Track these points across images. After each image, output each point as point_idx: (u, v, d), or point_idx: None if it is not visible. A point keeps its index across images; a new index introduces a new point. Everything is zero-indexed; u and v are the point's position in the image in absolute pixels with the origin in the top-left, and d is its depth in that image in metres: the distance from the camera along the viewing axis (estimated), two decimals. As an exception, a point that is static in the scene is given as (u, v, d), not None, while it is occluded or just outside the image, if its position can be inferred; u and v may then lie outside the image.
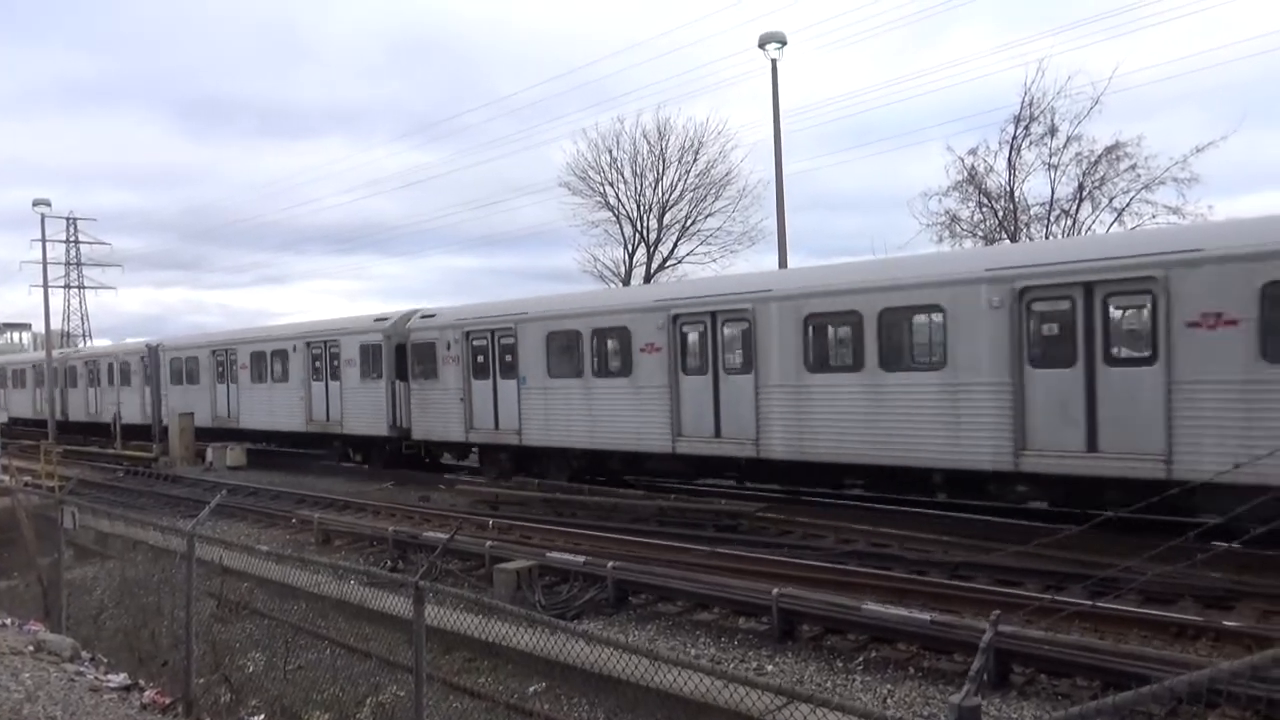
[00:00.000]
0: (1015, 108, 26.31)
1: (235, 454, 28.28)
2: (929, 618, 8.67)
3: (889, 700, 7.85)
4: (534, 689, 8.58)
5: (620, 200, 37.77)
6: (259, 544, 14.42)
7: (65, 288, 77.83)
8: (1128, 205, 25.34)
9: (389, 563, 14.13)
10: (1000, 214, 27.32)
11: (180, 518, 16.35)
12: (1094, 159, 25.61)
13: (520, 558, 12.32)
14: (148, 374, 33.66)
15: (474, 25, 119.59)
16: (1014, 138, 26.49)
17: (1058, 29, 53.35)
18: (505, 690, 8.68)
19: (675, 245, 37.77)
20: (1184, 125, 48.59)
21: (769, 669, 8.75)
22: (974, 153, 27.24)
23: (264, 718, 7.67)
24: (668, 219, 37.55)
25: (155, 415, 32.25)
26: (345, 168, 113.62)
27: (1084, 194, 25.95)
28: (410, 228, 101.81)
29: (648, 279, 36.60)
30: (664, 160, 37.03)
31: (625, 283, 36.99)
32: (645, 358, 17.49)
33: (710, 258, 37.18)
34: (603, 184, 37.71)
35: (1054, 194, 26.39)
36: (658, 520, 15.83)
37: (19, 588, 13.48)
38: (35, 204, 40.70)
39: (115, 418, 35.96)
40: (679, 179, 37.10)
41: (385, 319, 23.81)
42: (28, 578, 13.05)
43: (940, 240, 27.66)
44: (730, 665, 8.77)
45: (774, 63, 22.90)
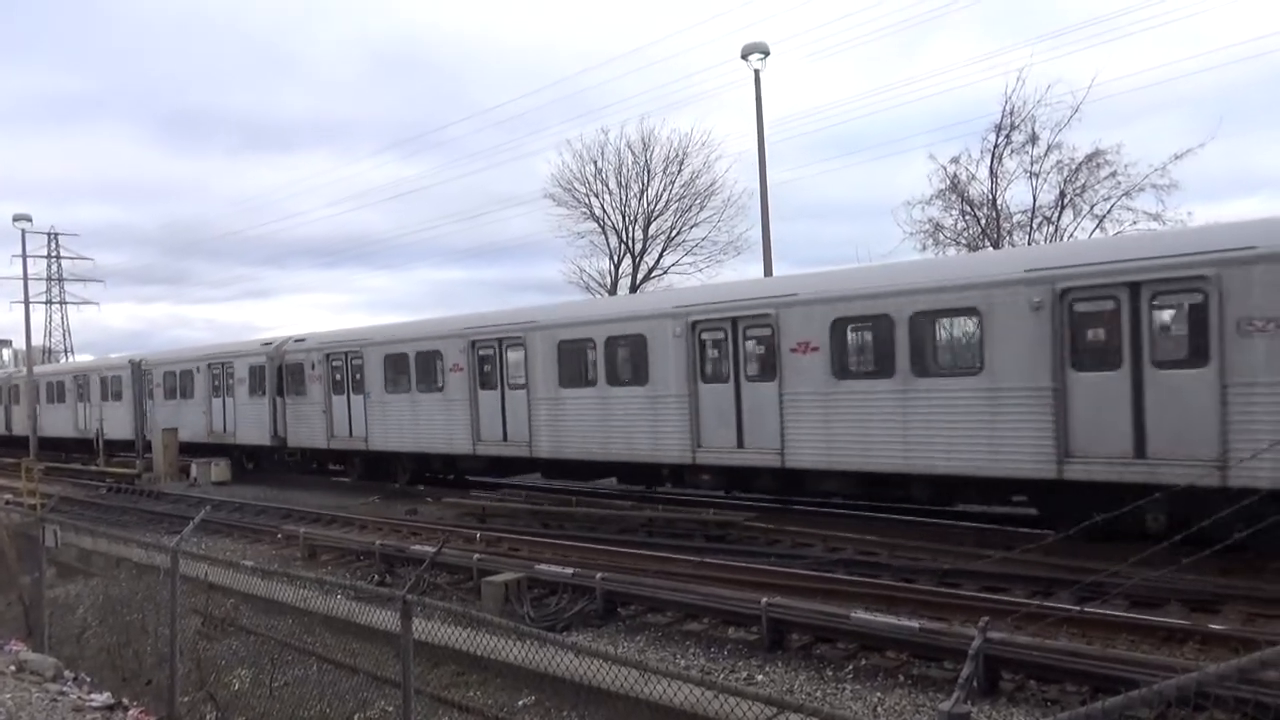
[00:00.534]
0: (996, 117, 26.59)
1: (220, 469, 28.06)
2: (918, 625, 8.68)
3: (879, 708, 7.85)
4: (523, 702, 8.54)
5: (605, 211, 37.91)
6: (244, 559, 14.30)
7: (47, 303, 77.32)
8: (1108, 212, 25.61)
9: (376, 577, 14.03)
10: (983, 222, 27.53)
11: (164, 534, 16.21)
12: (1074, 167, 25.90)
13: (508, 570, 12.27)
14: (106, 392, 35.89)
15: (458, 38, 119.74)
16: (995, 146, 26.76)
17: (1037, 39, 53.96)
18: (494, 704, 8.63)
19: (661, 256, 37.90)
20: (1162, 133, 49.17)
21: (759, 678, 8.73)
22: (956, 161, 27.50)
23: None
24: (653, 229, 37.69)
25: (138, 430, 32.05)
26: (330, 181, 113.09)
27: (1065, 201, 26.22)
28: (396, 240, 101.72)
29: (633, 289, 36.63)
30: (649, 171, 37.21)
31: (612, 292, 37.00)
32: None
33: (696, 268, 37.32)
34: (588, 195, 37.84)
35: (1036, 201, 26.67)
36: (646, 531, 15.81)
37: (0, 607, 13.31)
38: (16, 219, 40.40)
39: (98, 433, 35.67)
40: (664, 190, 37.28)
41: (269, 344, 27.62)
42: (9, 596, 12.88)
43: (924, 248, 27.86)
44: (720, 675, 8.74)
45: (757, 73, 23.03)
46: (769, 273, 22.67)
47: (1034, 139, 26.11)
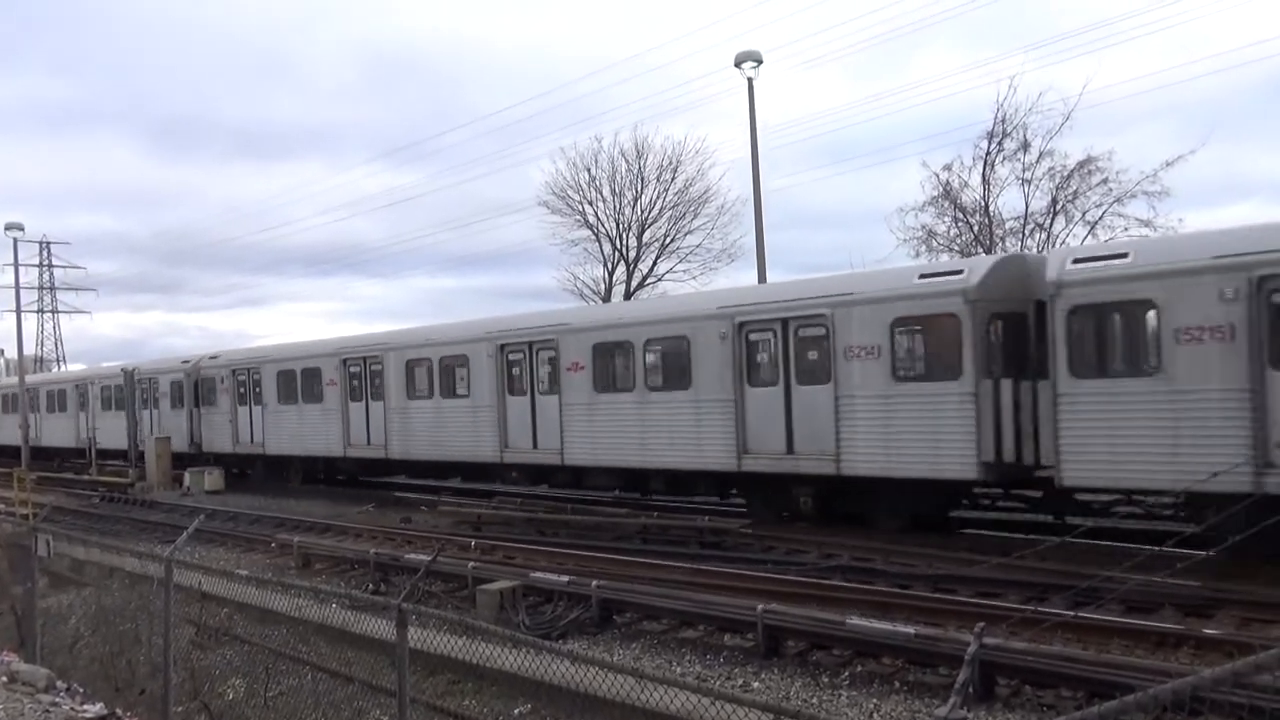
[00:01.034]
0: (988, 124, 26.67)
1: (213, 478, 27.95)
2: (913, 631, 8.69)
3: (875, 715, 7.85)
4: (519, 710, 8.52)
5: (599, 219, 37.91)
6: (238, 568, 14.26)
7: (39, 312, 77.05)
8: (1100, 219, 25.71)
9: (371, 585, 13.99)
10: (976, 228, 27.62)
11: (158, 543, 16.15)
12: (1066, 174, 25.97)
13: (503, 578, 12.25)
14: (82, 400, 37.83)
15: (451, 46, 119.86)
16: (988, 153, 26.82)
17: (1029, 46, 54.24)
18: (490, 712, 8.61)
19: (655, 263, 37.91)
20: (1153, 140, 49.44)
21: (755, 685, 8.72)
22: (949, 168, 27.56)
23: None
24: (647, 237, 37.71)
25: (131, 439, 31.98)
26: (323, 189, 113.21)
27: (1057, 208, 26.30)
28: (390, 248, 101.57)
29: (627, 297, 36.64)
30: (642, 178, 37.23)
31: (606, 299, 37.01)
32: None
33: (690, 275, 37.33)
34: (582, 203, 37.85)
35: (1028, 208, 26.74)
36: (641, 538, 15.80)
37: (-8, 618, 13.24)
38: (8, 228, 40.30)
39: (90, 442, 35.55)
40: (658, 197, 37.30)
41: (188, 361, 31.39)
42: (1, 607, 12.83)
43: (917, 255, 27.94)
44: (716, 682, 8.74)
45: (750, 81, 23.13)
46: (763, 279, 22.72)
47: (1026, 146, 26.23)
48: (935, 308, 13.56)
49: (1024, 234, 26.89)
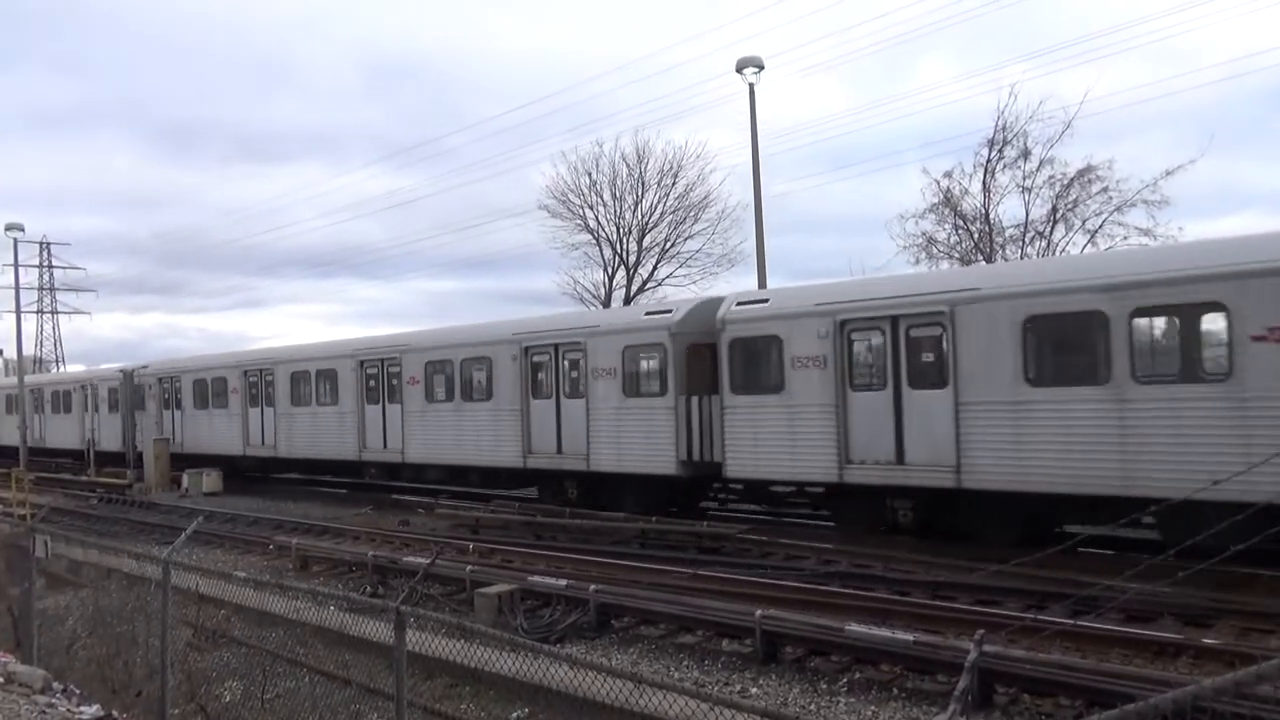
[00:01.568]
0: (989, 132, 26.71)
1: (211, 479, 27.94)
2: (912, 638, 8.68)
3: (873, 722, 7.83)
4: (516, 714, 8.50)
5: (600, 223, 37.88)
6: (236, 570, 14.24)
7: (38, 313, 77.02)
8: (1100, 227, 25.73)
9: (368, 588, 13.97)
10: (976, 236, 27.64)
11: (155, 545, 16.13)
12: (1066, 182, 25.98)
13: (501, 582, 12.23)
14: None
15: (453, 49, 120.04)
16: (988, 161, 26.85)
17: (1029, 55, 54.36)
18: (487, 716, 8.60)
19: (655, 268, 37.90)
20: (1153, 149, 49.49)
21: (753, 691, 8.71)
22: (949, 176, 27.59)
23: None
24: (647, 241, 37.66)
25: (129, 441, 31.95)
26: (324, 191, 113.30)
27: (1057, 216, 26.31)
28: (390, 251, 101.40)
29: (627, 301, 36.63)
30: (643, 183, 37.19)
31: (605, 304, 37.03)
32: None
33: (690, 280, 37.32)
34: (582, 207, 37.81)
35: (1028, 216, 26.77)
36: (639, 543, 15.78)
37: (-11, 618, 13.21)
38: (8, 229, 40.26)
39: (89, 443, 35.52)
40: (658, 202, 37.26)
41: (124, 370, 34.38)
42: (-2, 608, 12.79)
43: (917, 262, 27.96)
44: (714, 688, 8.72)
45: (751, 87, 23.13)
46: (763, 285, 22.72)
47: (1026, 154, 26.26)
48: (651, 339, 17.41)
49: (1024, 242, 26.92)
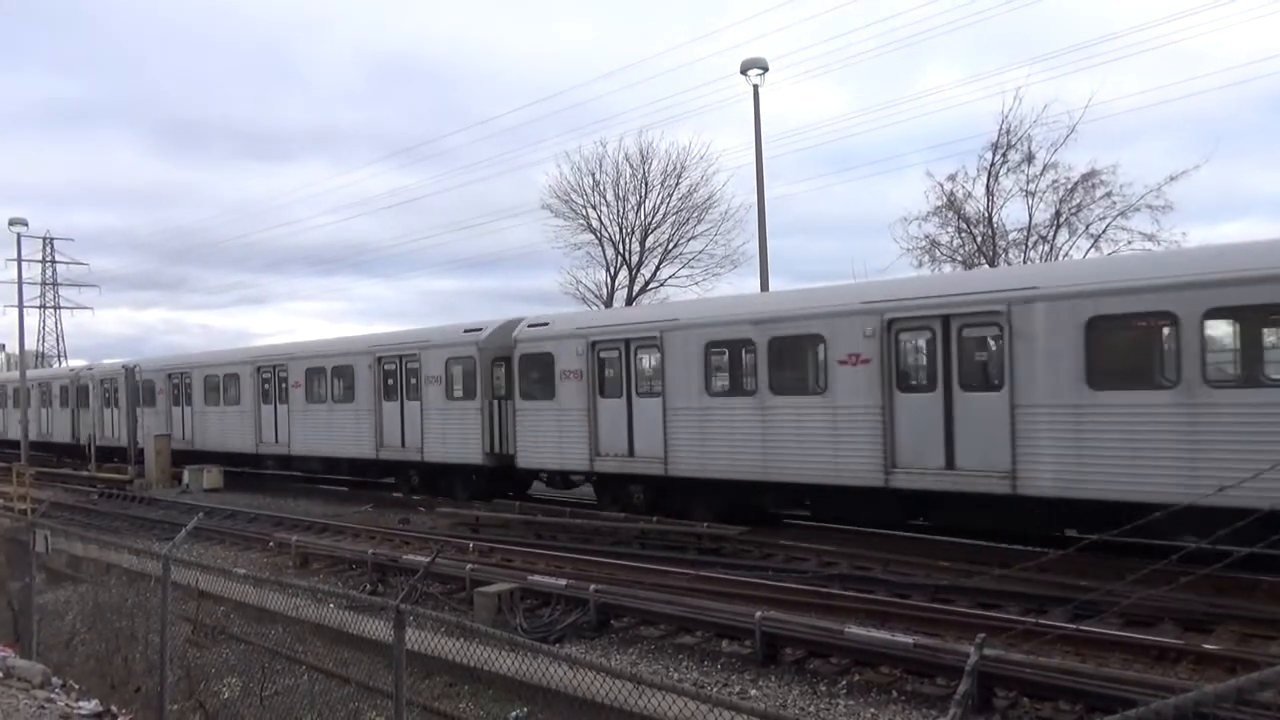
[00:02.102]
0: (993, 135, 26.67)
1: (212, 476, 27.94)
2: (912, 641, 8.67)
3: (872, 724, 7.81)
4: (516, 713, 8.49)
5: (603, 223, 37.84)
6: (236, 567, 14.25)
7: (41, 308, 77.03)
8: (1104, 232, 25.69)
9: (368, 586, 13.97)
10: (979, 239, 27.61)
11: (156, 540, 16.13)
12: (1070, 186, 25.93)
13: (501, 581, 12.23)
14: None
15: (458, 49, 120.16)
16: (992, 164, 26.80)
17: (1034, 59, 54.34)
18: (486, 715, 8.59)
19: (658, 268, 37.88)
20: (1157, 154, 49.46)
21: (752, 693, 8.70)
22: (953, 179, 27.56)
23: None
24: (650, 242, 37.62)
25: (130, 436, 31.98)
26: (328, 189, 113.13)
27: (1061, 220, 26.26)
28: (393, 249, 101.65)
29: (629, 302, 36.61)
30: (646, 184, 37.14)
31: (608, 304, 37.01)
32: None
33: (692, 280, 37.31)
34: (585, 207, 37.78)
35: (1031, 220, 26.73)
36: (639, 543, 15.77)
37: (-12, 612, 13.21)
38: (11, 223, 40.29)
39: (90, 439, 35.53)
40: (661, 202, 37.21)
41: (75, 370, 39.50)
42: (-2, 602, 12.79)
43: (920, 264, 27.95)
44: (713, 689, 8.71)
45: (756, 89, 23.11)
46: (765, 286, 22.71)
47: (1030, 158, 26.20)
48: (465, 352, 21.11)
49: (1027, 246, 26.87)
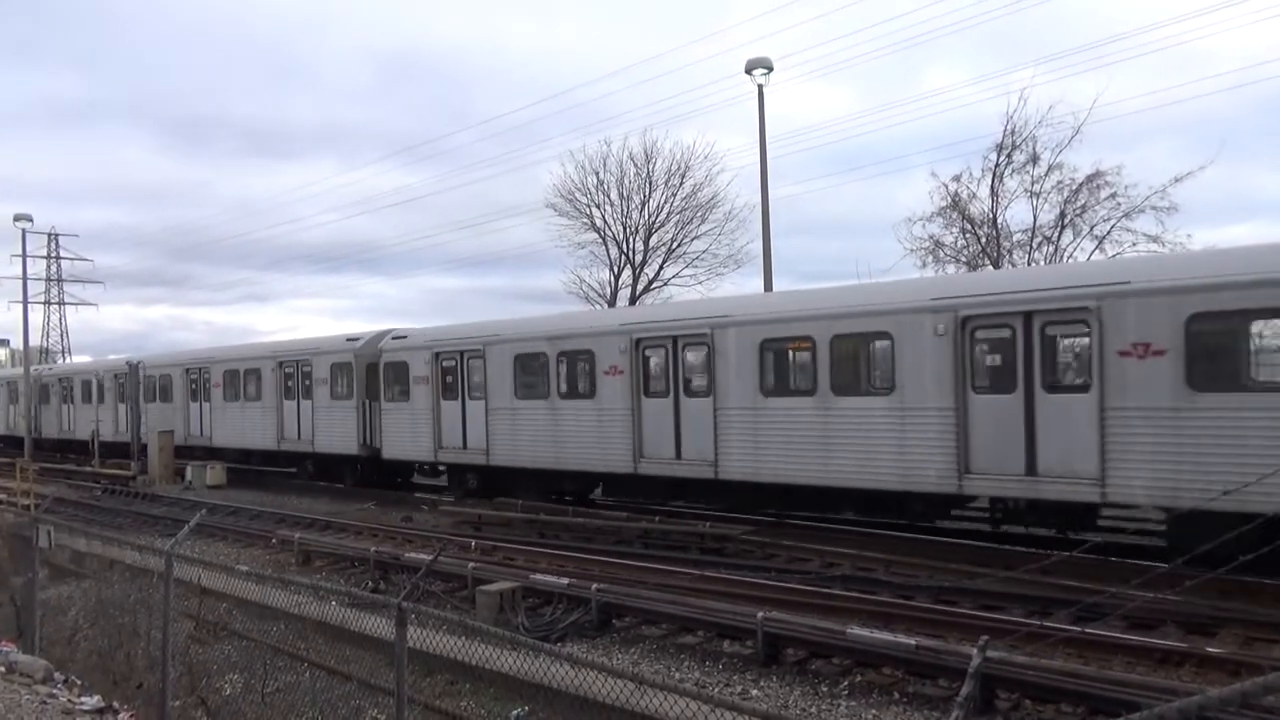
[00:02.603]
0: (997, 136, 26.62)
1: (215, 473, 27.97)
2: (914, 643, 8.64)
3: (874, 726, 7.80)
4: (517, 712, 8.48)
5: (606, 222, 37.86)
6: (238, 564, 14.25)
7: (45, 304, 77.10)
8: (1108, 233, 25.64)
9: (370, 584, 13.98)
10: (983, 240, 27.57)
11: (158, 537, 16.15)
12: (1075, 187, 25.90)
13: (503, 579, 12.23)
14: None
15: (463, 49, 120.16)
16: (996, 165, 26.78)
17: (1039, 60, 54.17)
18: (488, 713, 8.59)
19: (661, 267, 37.87)
20: (1162, 156, 49.36)
21: (754, 693, 8.69)
22: (958, 179, 27.52)
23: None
24: (654, 241, 37.63)
25: (134, 432, 32.03)
26: (332, 187, 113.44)
27: (1065, 221, 26.23)
28: (397, 247, 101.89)
29: (633, 301, 36.61)
30: (650, 183, 37.17)
31: (611, 304, 37.00)
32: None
33: (696, 280, 37.31)
34: (589, 206, 37.81)
35: (1036, 221, 26.68)
36: (642, 543, 15.76)
37: (-9, 608, 13.24)
38: (16, 219, 40.33)
39: (93, 435, 35.59)
40: (665, 202, 37.24)
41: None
42: (1, 597, 12.81)
43: (924, 265, 27.90)
44: (715, 689, 8.71)
45: (760, 88, 23.08)
46: (769, 287, 22.69)
47: (1035, 159, 26.16)
48: (345, 359, 24.57)
49: (1031, 247, 26.84)
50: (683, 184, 36.88)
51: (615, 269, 38.10)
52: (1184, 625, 9.66)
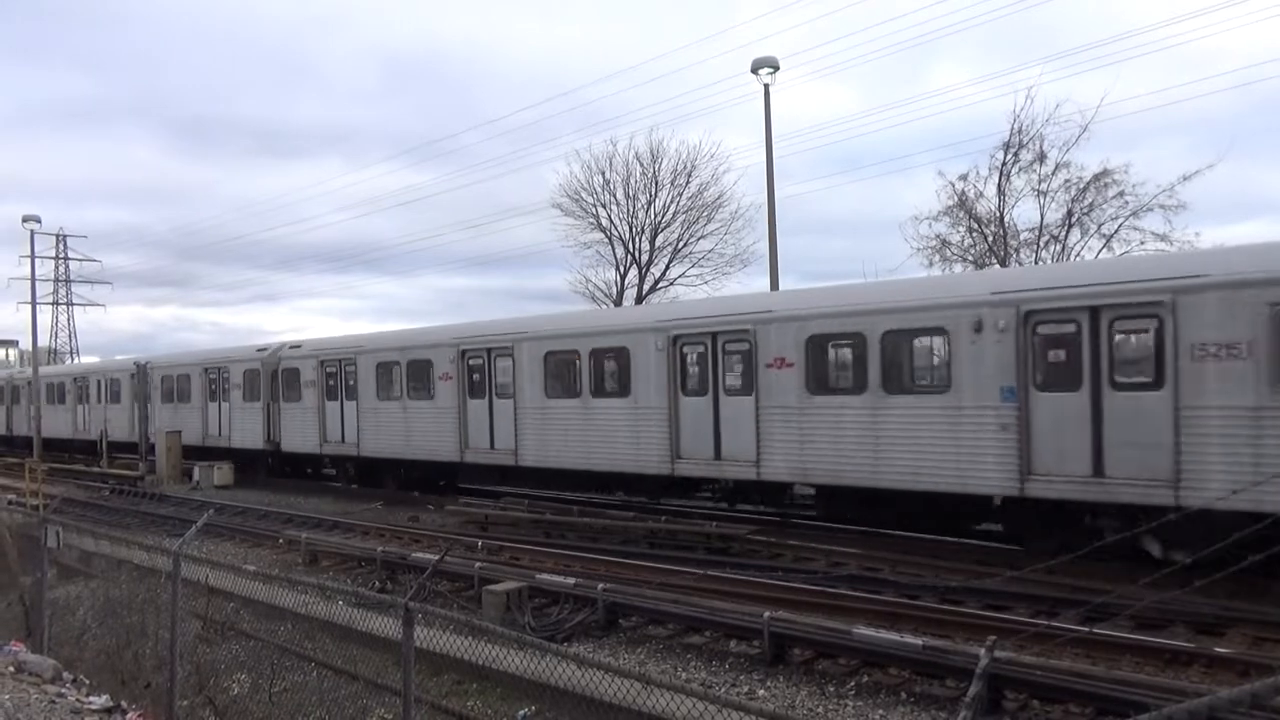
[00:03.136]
0: (1004, 135, 26.56)
1: (223, 473, 28.03)
2: (921, 643, 8.62)
3: (881, 726, 7.79)
4: (523, 712, 8.49)
5: (612, 222, 37.86)
6: (245, 564, 14.29)
7: (54, 304, 77.39)
8: (1116, 232, 25.57)
9: (377, 583, 13.99)
10: (990, 239, 27.52)
11: (166, 536, 16.20)
12: (1082, 186, 25.84)
13: (510, 579, 12.23)
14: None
15: (470, 48, 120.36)
16: (1003, 164, 26.71)
17: (1045, 58, 54.04)
18: (494, 713, 8.59)
19: (667, 267, 37.87)
20: (1170, 154, 49.16)
21: (760, 693, 8.68)
22: (964, 178, 27.47)
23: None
24: (660, 241, 37.64)
25: (141, 432, 32.16)
26: (340, 187, 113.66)
27: (1073, 220, 26.16)
28: (404, 247, 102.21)
29: (639, 301, 36.61)
30: (656, 182, 37.17)
31: (617, 303, 37.00)
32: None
33: (702, 280, 37.29)
34: (595, 205, 37.82)
35: (1043, 220, 26.62)
36: (648, 542, 15.76)
37: (0, 607, 13.30)
38: (25, 220, 40.56)
39: (101, 435, 35.73)
40: (671, 201, 37.23)
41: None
42: (9, 597, 12.87)
43: (930, 264, 27.86)
44: (722, 689, 8.70)
45: (766, 87, 23.07)
46: (775, 286, 22.66)
47: (1042, 157, 26.10)
48: (254, 366, 28.03)
49: (1038, 246, 26.78)
50: (688, 183, 36.92)
51: (621, 269, 38.14)
52: (1193, 625, 9.63)
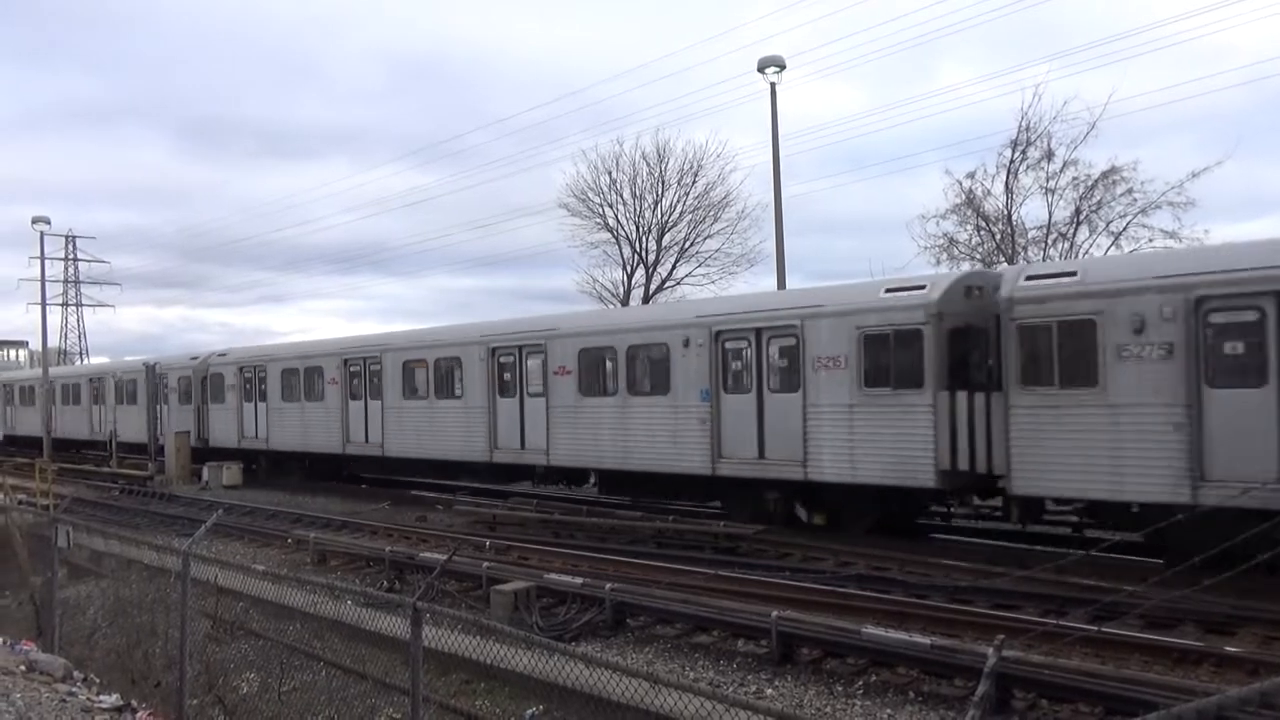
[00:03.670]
0: (1012, 133, 26.45)
1: (231, 473, 28.12)
2: (929, 642, 8.62)
3: (889, 725, 7.78)
4: (531, 711, 8.51)
5: (619, 221, 37.82)
6: (255, 563, 14.33)
7: (63, 305, 77.62)
8: (1124, 229, 25.46)
9: (386, 583, 14.03)
10: (998, 237, 27.43)
11: (176, 536, 16.27)
12: (1091, 183, 25.72)
13: (518, 579, 12.25)
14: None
15: (476, 48, 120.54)
16: (1011, 162, 26.60)
17: (1053, 56, 53.88)
18: (502, 713, 8.61)
19: (674, 267, 37.83)
20: (1179, 151, 48.96)
21: (768, 692, 8.68)
22: (972, 176, 27.37)
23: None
24: (666, 240, 37.59)
25: (151, 433, 32.31)
26: (347, 187, 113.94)
27: (1081, 218, 26.05)
28: (411, 248, 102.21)
29: (646, 300, 36.60)
30: (663, 182, 37.12)
31: (624, 302, 37.00)
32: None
33: (709, 279, 37.26)
34: (602, 205, 37.78)
35: (1051, 217, 26.52)
36: (656, 542, 15.76)
37: (11, 606, 13.37)
38: (34, 222, 40.73)
39: (111, 435, 35.89)
40: (678, 201, 37.18)
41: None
42: (20, 596, 12.95)
43: (938, 263, 27.77)
44: (729, 688, 8.70)
45: (773, 86, 23.03)
46: (782, 285, 22.64)
47: (1050, 155, 25.98)
48: (187, 372, 31.87)
49: (1046, 244, 26.68)
50: (695, 183, 36.85)
51: (628, 269, 38.12)
52: (1202, 624, 9.59)
